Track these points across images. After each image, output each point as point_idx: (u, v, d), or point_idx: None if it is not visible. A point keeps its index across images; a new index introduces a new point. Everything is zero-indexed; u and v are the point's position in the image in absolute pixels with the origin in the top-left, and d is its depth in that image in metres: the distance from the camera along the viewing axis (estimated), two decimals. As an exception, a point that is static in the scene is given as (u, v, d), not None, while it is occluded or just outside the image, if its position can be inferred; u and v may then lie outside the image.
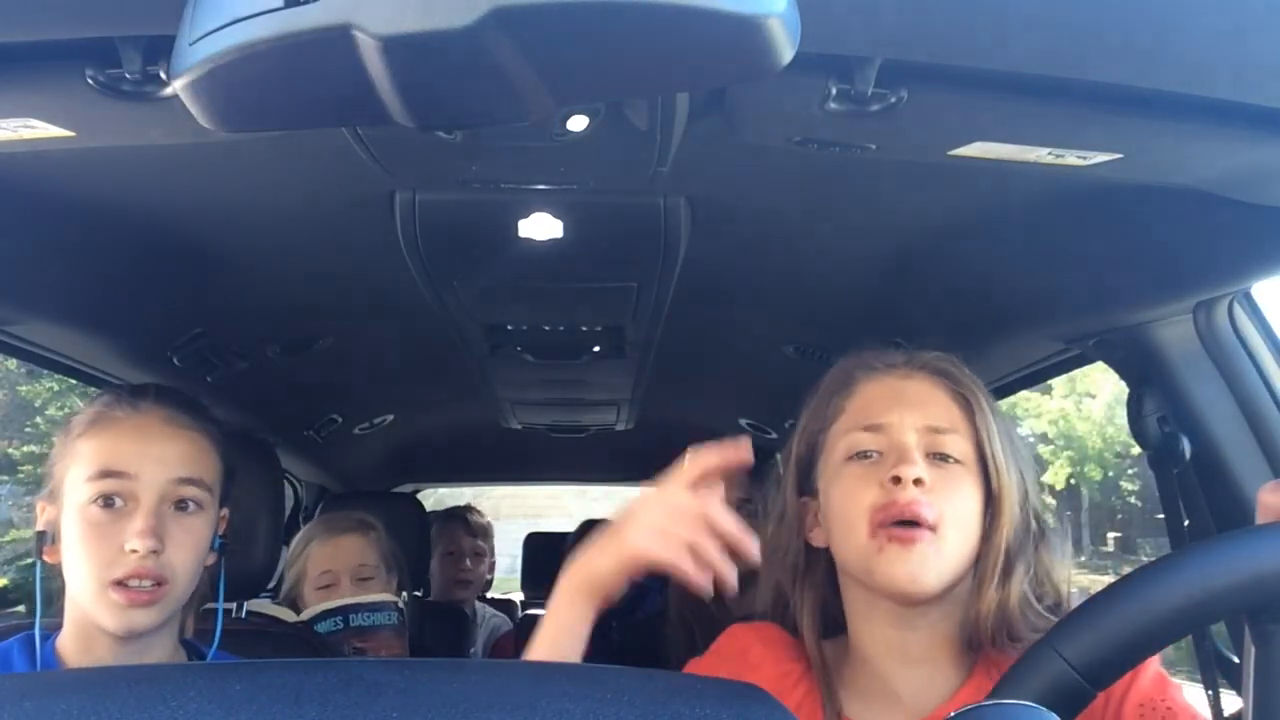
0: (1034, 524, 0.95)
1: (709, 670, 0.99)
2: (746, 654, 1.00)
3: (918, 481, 0.90)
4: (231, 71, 0.52)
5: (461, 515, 2.94)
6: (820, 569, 0.99)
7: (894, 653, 0.94)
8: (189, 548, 1.06)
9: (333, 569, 1.86)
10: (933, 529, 0.89)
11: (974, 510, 0.92)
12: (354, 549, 1.89)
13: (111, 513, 1.04)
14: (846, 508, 0.93)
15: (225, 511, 1.16)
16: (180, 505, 1.07)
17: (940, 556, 0.89)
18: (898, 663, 0.94)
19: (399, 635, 1.78)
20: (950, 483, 0.92)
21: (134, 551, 1.02)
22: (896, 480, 0.90)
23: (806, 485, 1.00)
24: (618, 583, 0.88)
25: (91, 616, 1.04)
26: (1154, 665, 0.89)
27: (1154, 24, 0.69)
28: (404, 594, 2.03)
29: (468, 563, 2.87)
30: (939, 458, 0.93)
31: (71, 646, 1.07)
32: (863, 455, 0.94)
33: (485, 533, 3.01)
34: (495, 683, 0.44)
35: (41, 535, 1.08)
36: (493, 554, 3.18)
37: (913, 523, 0.89)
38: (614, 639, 2.26)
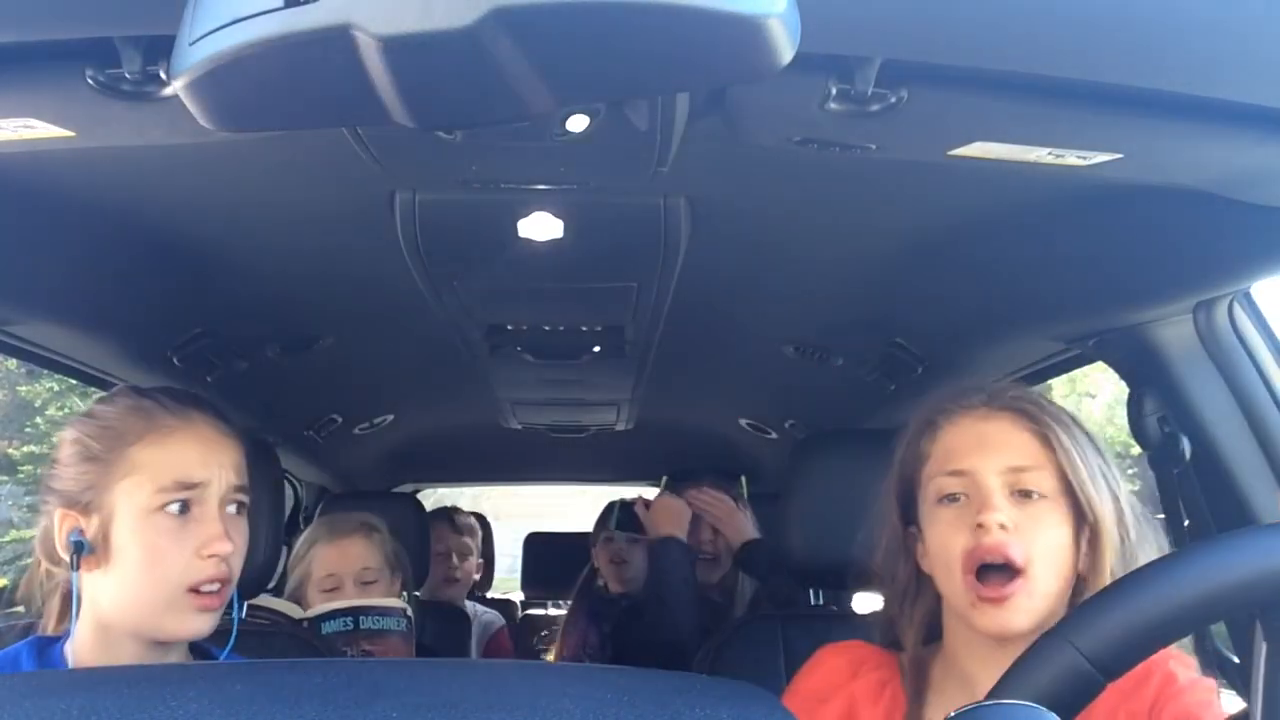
0: (1131, 540, 0.98)
1: (811, 690, 1.07)
2: (841, 670, 1.07)
3: (1002, 526, 0.94)
4: (231, 71, 0.52)
5: (447, 514, 2.99)
6: (930, 590, 1.04)
7: (988, 664, 0.97)
8: (243, 549, 1.10)
9: (337, 572, 1.87)
10: (1022, 570, 0.93)
11: (1064, 542, 0.96)
12: (358, 552, 1.89)
13: (181, 519, 1.05)
14: (942, 551, 0.99)
15: None
16: (235, 510, 1.10)
17: (1031, 599, 0.94)
18: (990, 671, 0.97)
19: (406, 641, 1.79)
20: (1037, 519, 0.96)
21: (213, 556, 1.04)
22: (980, 526, 0.95)
23: (910, 515, 1.06)
24: None
25: (147, 624, 1.05)
26: (1189, 673, 0.93)
27: (1154, 24, 0.69)
28: (404, 594, 2.04)
29: (455, 560, 2.91)
30: (1023, 494, 0.97)
31: (89, 653, 1.07)
32: (951, 498, 1.00)
33: (471, 531, 3.06)
34: (495, 683, 0.44)
35: (79, 546, 1.06)
36: (482, 552, 3.22)
37: (1003, 567, 0.94)
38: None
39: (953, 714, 0.56)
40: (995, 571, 0.95)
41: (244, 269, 1.47)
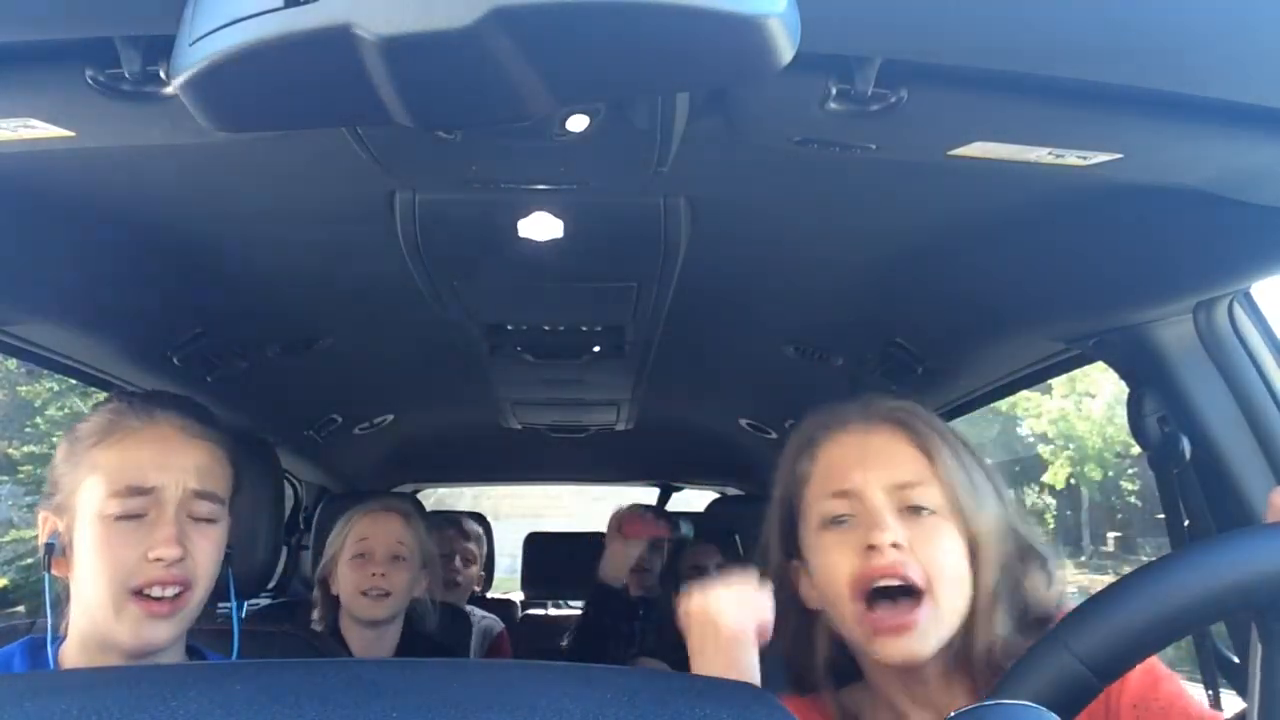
0: (1022, 551, 0.95)
1: None
2: None
3: (895, 545, 0.89)
4: (231, 72, 0.52)
5: (455, 519, 3.01)
6: (824, 627, 0.98)
7: (907, 695, 0.95)
8: (208, 555, 1.07)
9: (369, 538, 1.93)
10: (923, 591, 0.89)
11: (960, 556, 0.92)
12: (392, 527, 1.96)
13: (133, 524, 1.03)
14: (829, 579, 0.93)
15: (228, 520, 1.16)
16: (198, 516, 1.07)
17: (939, 623, 0.89)
18: (912, 702, 0.95)
19: None
20: (930, 535, 0.91)
21: (158, 560, 1.01)
22: (872, 548, 0.90)
23: (792, 547, 1.00)
24: None
25: (104, 631, 1.03)
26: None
27: (1154, 24, 0.69)
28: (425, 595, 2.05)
29: (458, 564, 2.93)
30: (912, 511, 0.92)
31: (76, 660, 1.05)
32: (836, 521, 0.94)
33: (478, 539, 3.08)
34: (495, 683, 0.44)
35: (50, 548, 1.06)
36: (484, 558, 3.24)
37: (901, 590, 0.89)
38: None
39: (953, 714, 0.56)
40: (893, 597, 0.89)
41: (245, 269, 1.47)
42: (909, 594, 0.89)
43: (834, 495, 0.94)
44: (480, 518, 3.48)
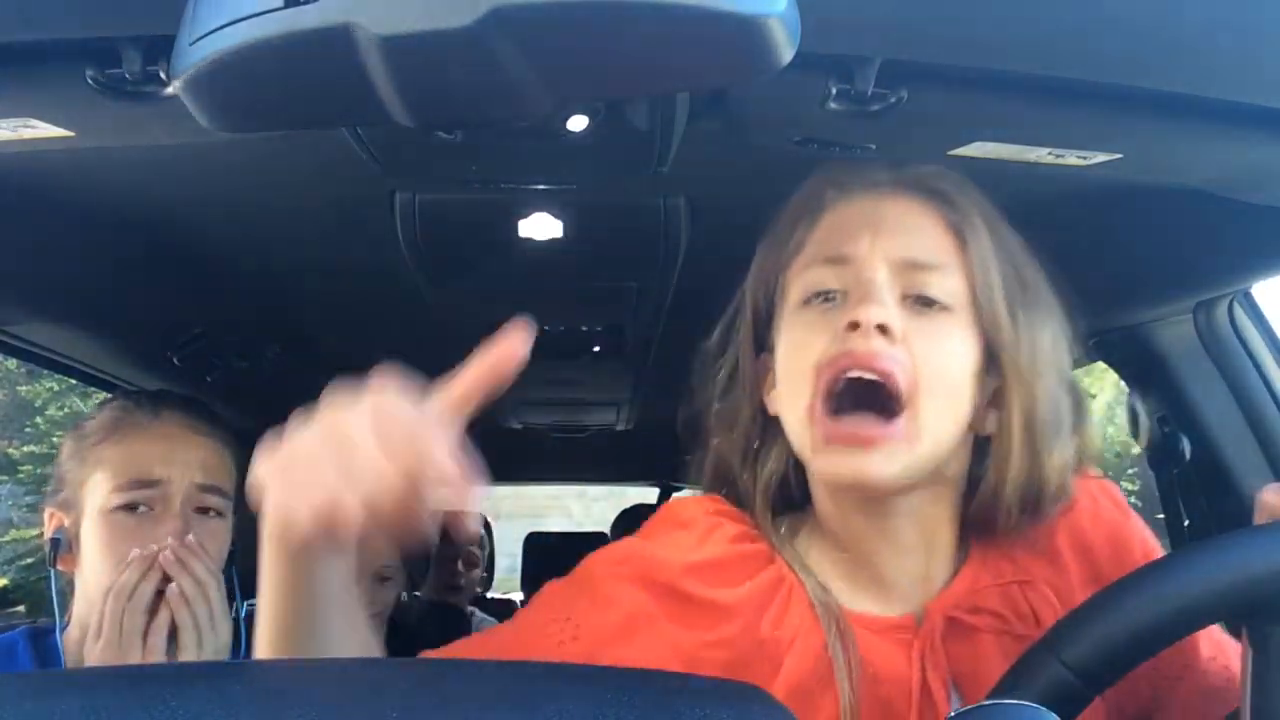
0: (1068, 394, 0.76)
1: (646, 547, 0.78)
2: (693, 524, 0.78)
3: (883, 329, 0.68)
4: (231, 71, 0.52)
5: (460, 520, 3.00)
6: (780, 441, 0.77)
7: (876, 541, 0.75)
8: (212, 553, 1.06)
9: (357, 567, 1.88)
10: (902, 405, 0.68)
11: (964, 372, 0.71)
12: (379, 549, 1.91)
13: (138, 518, 1.04)
14: (792, 362, 0.73)
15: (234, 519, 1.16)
16: (202, 511, 1.07)
17: (914, 442, 0.68)
18: (886, 550, 0.75)
19: None
20: (932, 335, 0.70)
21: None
22: (854, 325, 0.68)
23: (764, 338, 0.80)
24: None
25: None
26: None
27: (1154, 24, 0.69)
28: (403, 595, 2.05)
29: (460, 567, 2.93)
30: (920, 302, 0.72)
31: (77, 651, 1.06)
32: (822, 296, 0.73)
33: (483, 543, 3.07)
34: (495, 683, 0.44)
35: (56, 543, 1.07)
36: (486, 560, 3.24)
37: (875, 394, 0.68)
38: None
39: (952, 714, 0.56)
40: (863, 404, 0.68)
41: (244, 269, 1.47)
42: (883, 405, 0.68)
43: (826, 261, 0.74)
44: (481, 519, 3.48)
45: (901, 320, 0.70)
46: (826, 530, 0.77)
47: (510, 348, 0.62)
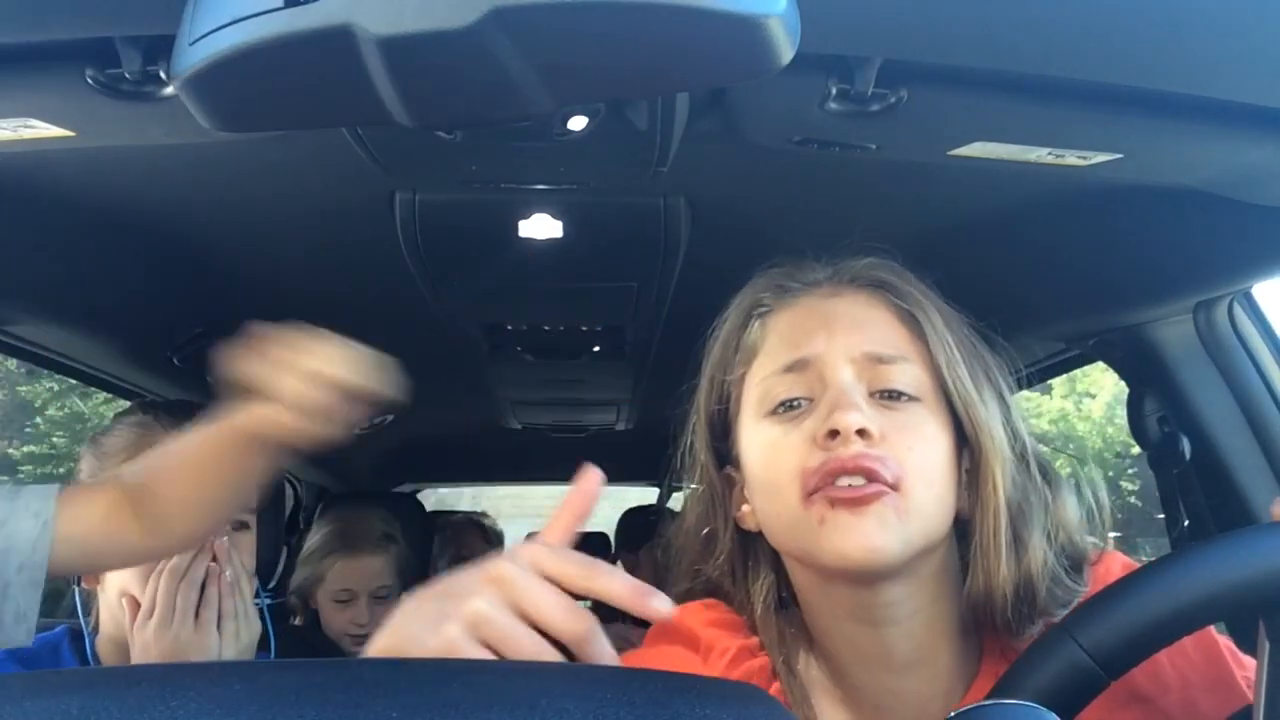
0: (1037, 471, 0.74)
1: (658, 663, 0.76)
2: (695, 638, 0.77)
3: (862, 433, 0.67)
4: (231, 71, 0.52)
5: (479, 523, 2.99)
6: (765, 554, 0.76)
7: (872, 659, 0.72)
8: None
9: (353, 588, 1.88)
10: (892, 487, 0.67)
11: (943, 457, 0.70)
12: (375, 569, 1.91)
13: None
14: (769, 476, 0.70)
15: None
16: (235, 525, 1.10)
17: (905, 516, 0.67)
18: (880, 670, 0.72)
19: None
20: (906, 428, 0.69)
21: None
22: (833, 434, 0.67)
23: (725, 452, 0.78)
24: None
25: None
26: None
27: (1154, 24, 0.69)
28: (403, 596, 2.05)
29: None
30: (887, 396, 0.71)
31: (109, 654, 1.09)
32: (786, 406, 0.71)
33: (500, 541, 3.07)
34: (495, 683, 0.44)
35: None
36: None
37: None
38: None
39: (952, 714, 0.56)
40: (851, 487, 0.67)
41: (244, 269, 1.47)
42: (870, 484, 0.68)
43: (785, 370, 0.72)
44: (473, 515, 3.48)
45: (876, 418, 0.68)
46: (824, 653, 0.75)
47: (589, 486, 0.61)
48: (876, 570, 0.68)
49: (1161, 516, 1.38)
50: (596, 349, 1.91)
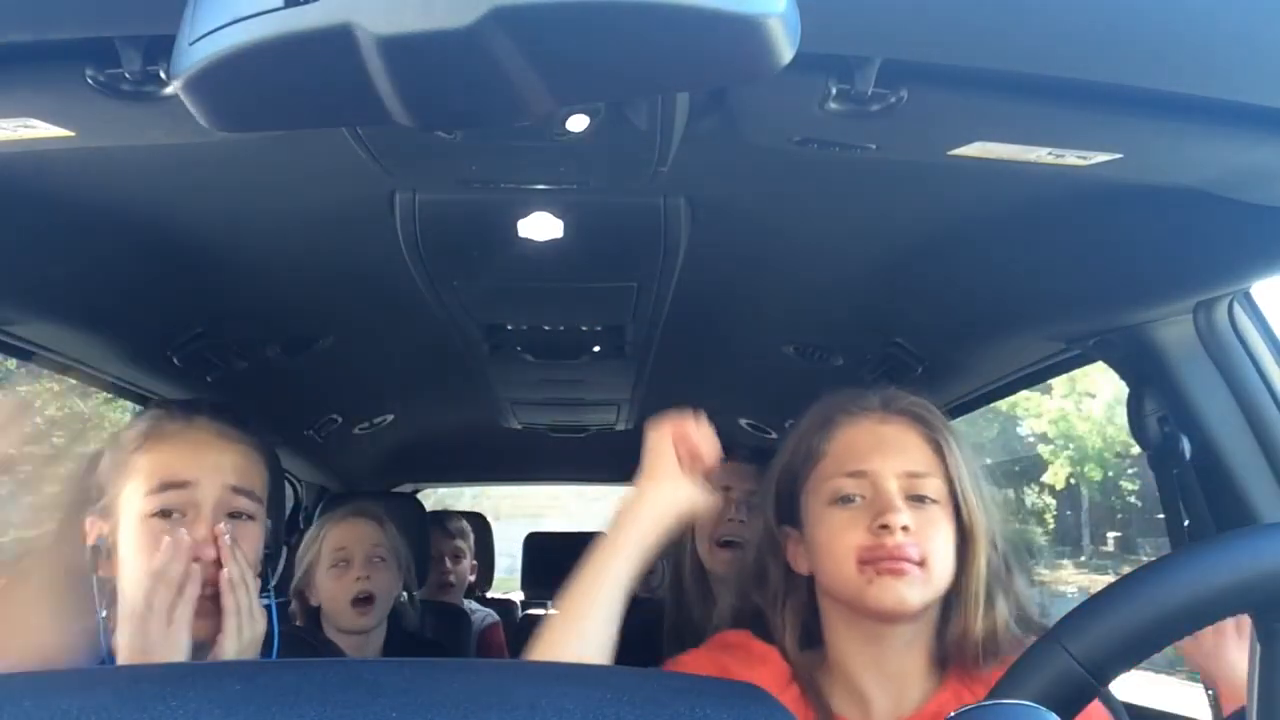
0: (1004, 556, 1.03)
1: (711, 662, 1.04)
2: (749, 648, 1.05)
3: (905, 529, 0.97)
4: (232, 71, 0.52)
5: (438, 518, 3.02)
6: (802, 591, 1.05)
7: (870, 666, 1.01)
8: (247, 554, 1.09)
9: (347, 546, 1.93)
10: (919, 564, 0.97)
11: (950, 544, 1.00)
12: (368, 531, 1.97)
13: (171, 523, 1.05)
14: (834, 548, 1.00)
15: (268, 523, 1.19)
16: (234, 514, 1.10)
17: (926, 585, 0.98)
18: (872, 674, 1.02)
19: None
20: (930, 523, 0.99)
21: (197, 561, 1.03)
22: (884, 527, 0.97)
23: (787, 516, 1.07)
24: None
25: None
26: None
27: (1155, 24, 0.69)
28: (402, 596, 2.06)
29: (448, 564, 2.95)
30: (916, 499, 1.00)
31: (127, 651, 1.07)
32: (846, 500, 1.01)
33: (463, 534, 3.10)
34: (495, 683, 0.44)
35: (96, 550, 1.09)
36: (478, 553, 3.26)
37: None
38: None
39: (952, 714, 0.56)
40: (894, 562, 0.98)
41: (244, 269, 1.47)
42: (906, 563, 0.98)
43: (848, 475, 1.01)
44: (472, 515, 3.49)
45: (910, 517, 0.98)
46: (832, 660, 1.04)
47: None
48: (901, 616, 0.98)
49: (1161, 516, 1.38)
50: (596, 349, 1.91)
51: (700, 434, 1.05)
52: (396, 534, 2.02)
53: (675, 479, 1.02)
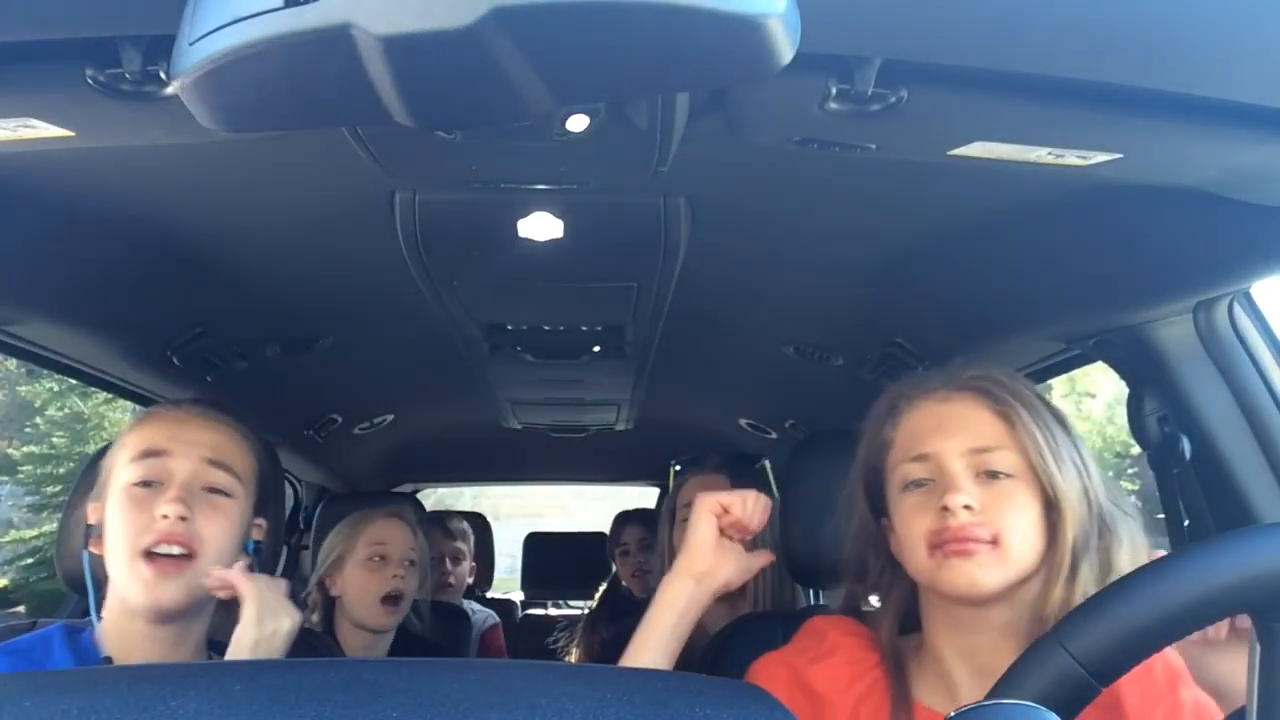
0: (1102, 519, 0.97)
1: (788, 655, 1.07)
2: (824, 638, 1.06)
3: (967, 507, 0.94)
4: (231, 71, 0.52)
5: (439, 519, 3.03)
6: (905, 580, 1.04)
7: (962, 654, 0.99)
8: (218, 524, 1.11)
9: (386, 544, 1.96)
10: (991, 542, 0.93)
11: (1033, 519, 0.95)
12: (405, 533, 2.01)
13: (148, 490, 1.09)
14: (907, 533, 0.99)
15: (262, 521, 1.20)
16: (212, 490, 1.12)
17: (1002, 563, 0.93)
18: (964, 663, 0.99)
19: None
20: (1003, 499, 0.95)
21: (164, 517, 1.06)
22: (946, 509, 0.94)
23: (879, 506, 1.06)
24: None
25: (123, 594, 1.08)
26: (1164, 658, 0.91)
27: (1154, 24, 0.69)
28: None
29: (448, 565, 2.95)
30: (989, 475, 0.96)
31: (112, 638, 1.10)
32: (916, 484, 0.99)
33: (464, 535, 3.10)
34: (495, 683, 0.44)
35: (89, 528, 1.14)
36: (478, 553, 3.26)
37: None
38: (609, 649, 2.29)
39: (952, 714, 0.56)
40: (961, 543, 0.95)
41: (244, 269, 1.47)
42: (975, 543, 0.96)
43: (913, 460, 1.00)
44: (473, 516, 3.49)
45: (978, 493, 0.95)
46: (927, 647, 1.03)
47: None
48: (977, 598, 0.94)
49: (1161, 516, 1.38)
50: (596, 349, 1.91)
51: (749, 507, 1.07)
52: (423, 540, 2.07)
53: (714, 556, 1.06)
